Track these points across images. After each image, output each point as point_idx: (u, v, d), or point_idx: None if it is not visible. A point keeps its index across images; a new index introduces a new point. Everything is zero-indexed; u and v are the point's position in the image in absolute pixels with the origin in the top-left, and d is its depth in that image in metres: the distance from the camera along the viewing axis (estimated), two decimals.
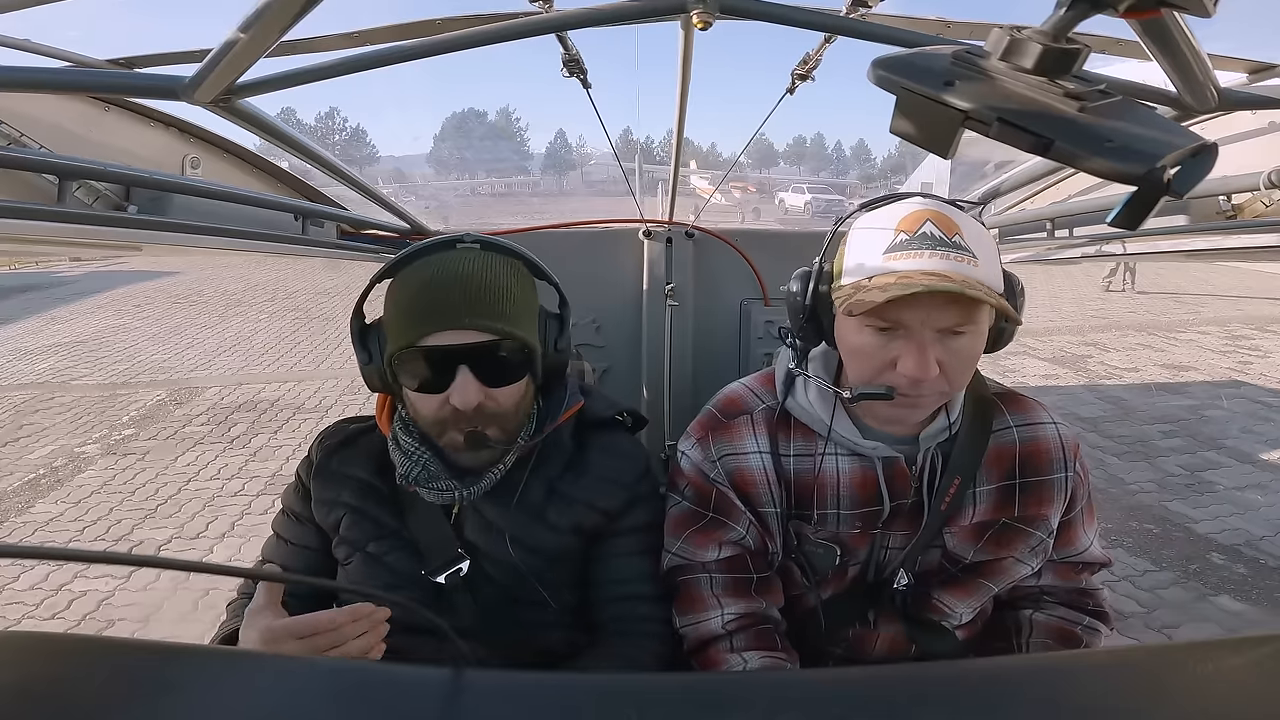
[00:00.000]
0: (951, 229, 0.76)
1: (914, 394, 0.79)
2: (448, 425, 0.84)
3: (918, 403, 0.80)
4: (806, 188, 28.08)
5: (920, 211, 0.78)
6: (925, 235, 0.75)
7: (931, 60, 0.38)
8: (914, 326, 0.76)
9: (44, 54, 1.02)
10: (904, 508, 0.88)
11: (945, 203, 0.81)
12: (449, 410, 0.82)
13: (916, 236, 0.76)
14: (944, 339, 0.77)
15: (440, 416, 0.83)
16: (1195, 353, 6.77)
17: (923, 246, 0.75)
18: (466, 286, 0.81)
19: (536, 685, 0.49)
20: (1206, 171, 0.35)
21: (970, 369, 0.81)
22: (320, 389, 5.48)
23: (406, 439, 0.89)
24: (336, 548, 0.93)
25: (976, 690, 0.46)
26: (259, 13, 0.59)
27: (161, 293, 9.69)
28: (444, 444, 0.87)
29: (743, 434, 0.92)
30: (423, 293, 0.82)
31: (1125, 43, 0.97)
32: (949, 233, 0.75)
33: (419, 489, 0.88)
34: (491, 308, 0.82)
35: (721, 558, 0.91)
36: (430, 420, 0.84)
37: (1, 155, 0.83)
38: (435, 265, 0.84)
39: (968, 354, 0.78)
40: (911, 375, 0.76)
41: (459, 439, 0.84)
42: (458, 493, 0.87)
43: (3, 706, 0.39)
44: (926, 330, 0.76)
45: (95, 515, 3.42)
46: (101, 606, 2.66)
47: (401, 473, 0.88)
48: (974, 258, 0.74)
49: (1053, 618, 0.96)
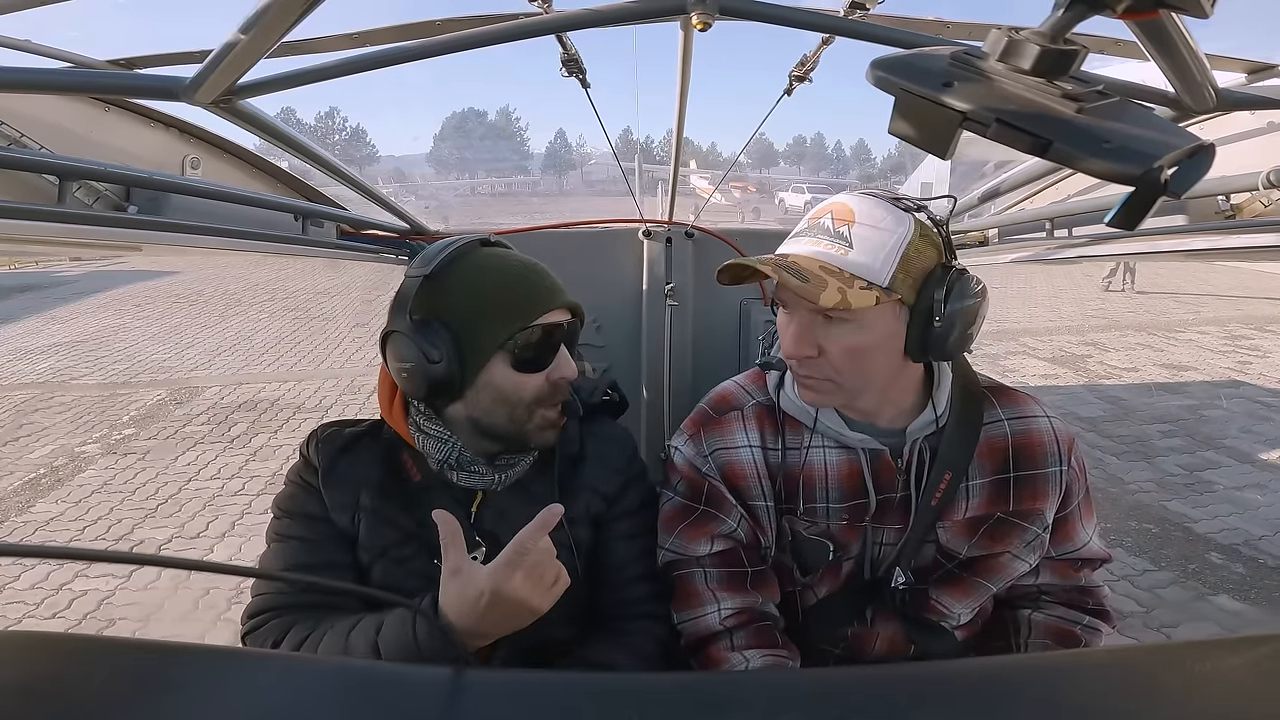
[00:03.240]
0: (846, 220, 0.80)
1: (801, 373, 0.85)
2: (545, 402, 0.88)
3: (807, 384, 0.86)
4: (806, 188, 28.10)
5: (834, 204, 0.84)
6: (817, 225, 0.82)
7: (930, 61, 0.38)
8: (790, 303, 0.83)
9: (44, 54, 1.02)
10: (892, 501, 0.89)
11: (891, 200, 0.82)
12: (548, 386, 0.88)
13: (811, 225, 0.83)
14: (825, 324, 0.81)
15: (539, 394, 0.88)
16: (1194, 352, 6.77)
17: (806, 234, 0.82)
18: (543, 272, 0.90)
19: (537, 685, 0.49)
20: (1204, 172, 0.35)
21: (859, 362, 0.81)
22: (320, 389, 5.48)
23: (434, 427, 0.89)
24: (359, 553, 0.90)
25: (976, 690, 0.46)
26: (259, 14, 0.59)
27: (161, 293, 9.69)
28: (536, 424, 0.89)
29: (733, 428, 0.93)
30: (511, 280, 0.87)
31: (1123, 43, 0.97)
32: (839, 223, 0.80)
33: (454, 473, 0.89)
34: (563, 290, 0.90)
35: (714, 551, 0.92)
36: (529, 399, 0.87)
37: (1, 155, 0.83)
38: (496, 258, 0.89)
39: (849, 343, 0.80)
40: (785, 351, 0.84)
41: (553, 414, 0.89)
42: (495, 476, 0.89)
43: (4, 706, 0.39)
44: (801, 310, 0.81)
45: (95, 515, 3.42)
46: (102, 605, 2.67)
47: (438, 458, 0.89)
48: (847, 247, 0.78)
49: (1051, 617, 0.96)
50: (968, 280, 0.80)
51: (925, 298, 0.79)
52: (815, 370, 0.83)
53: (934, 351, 0.81)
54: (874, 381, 0.85)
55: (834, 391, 0.85)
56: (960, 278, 0.79)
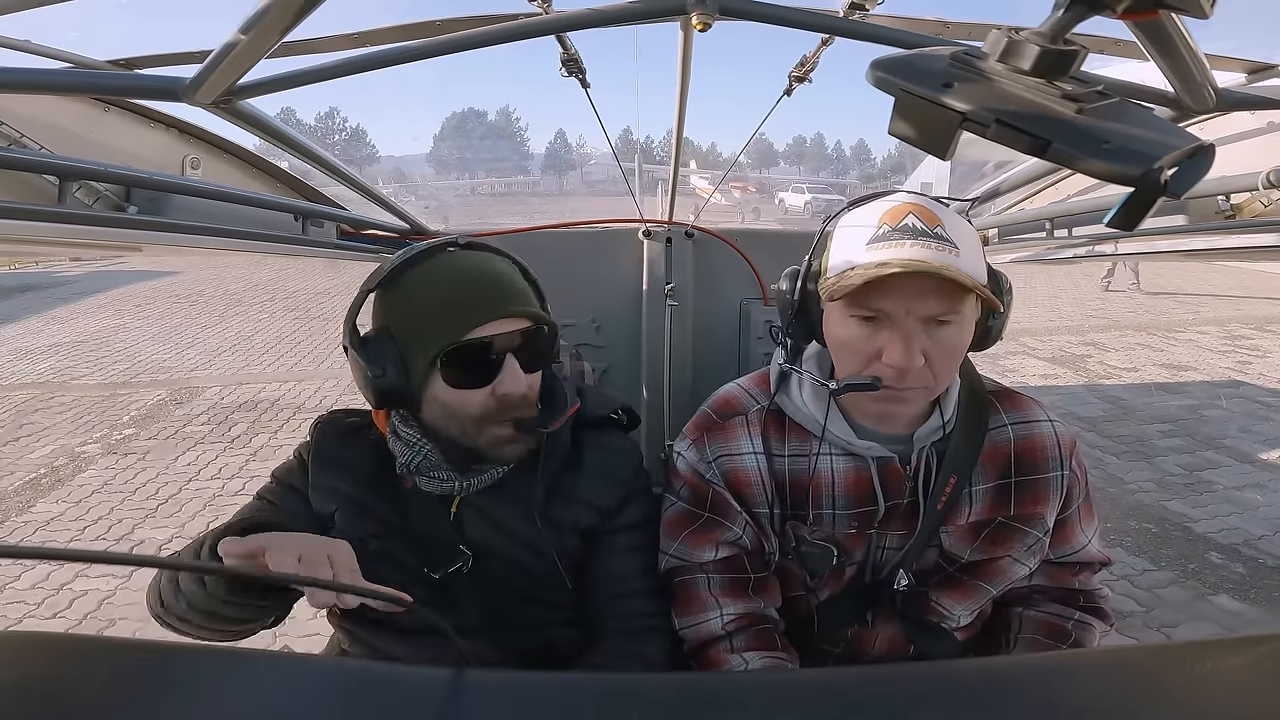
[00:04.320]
0: (934, 221, 0.77)
1: (899, 386, 0.79)
2: (491, 419, 0.84)
3: (904, 396, 0.81)
4: (806, 188, 28.08)
5: (903, 205, 0.79)
6: (908, 227, 0.77)
7: (930, 62, 0.38)
8: (897, 315, 0.76)
9: (44, 55, 1.02)
10: (899, 508, 0.88)
11: (930, 199, 0.82)
12: (494, 402, 0.83)
13: (899, 228, 0.77)
14: (929, 329, 0.77)
15: (486, 410, 0.83)
16: (1194, 352, 6.77)
17: (905, 236, 0.76)
18: (493, 279, 0.84)
19: (537, 685, 0.49)
20: (1204, 172, 0.35)
21: (955, 363, 0.82)
22: (320, 389, 5.48)
23: (407, 430, 0.89)
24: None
25: (975, 690, 0.46)
26: (260, 14, 0.59)
27: (162, 293, 9.68)
28: (486, 441, 0.85)
29: (738, 435, 0.93)
30: (451, 291, 0.82)
31: (1123, 43, 0.97)
32: (931, 224, 0.77)
33: (418, 478, 0.88)
34: (521, 295, 0.85)
35: (719, 558, 0.91)
36: (475, 416, 0.83)
37: (1, 156, 0.83)
38: (444, 267, 0.85)
39: (953, 345, 0.79)
40: (897, 365, 0.76)
41: (505, 432, 0.84)
42: (456, 484, 0.87)
43: (4, 706, 0.39)
44: (910, 319, 0.76)
45: (96, 515, 3.42)
46: (103, 606, 2.67)
47: (402, 461, 0.88)
48: (955, 248, 0.76)
49: (1042, 613, 0.96)
50: (1003, 275, 0.86)
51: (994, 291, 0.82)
52: (917, 380, 0.79)
53: (986, 344, 0.85)
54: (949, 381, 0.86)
55: (923, 399, 0.84)
56: (998, 272, 0.85)
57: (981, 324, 0.83)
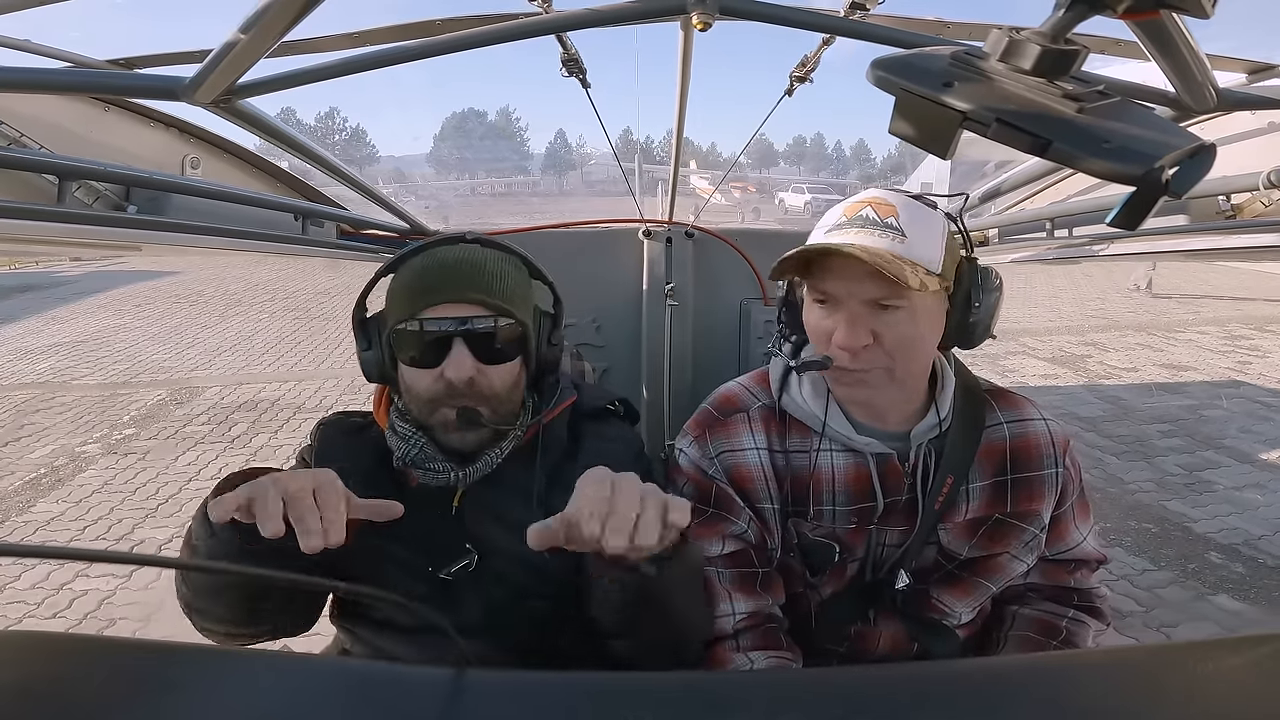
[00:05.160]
0: (888, 213, 0.80)
1: (852, 366, 0.83)
2: (440, 402, 0.85)
3: (862, 378, 0.84)
4: (806, 188, 28.06)
5: (865, 199, 0.83)
6: (860, 217, 0.81)
7: (930, 61, 0.38)
8: (841, 297, 0.81)
9: (44, 54, 1.02)
10: (898, 504, 0.89)
11: (912, 197, 0.84)
12: (443, 385, 0.84)
13: (854, 219, 0.82)
14: (877, 313, 0.80)
15: (434, 392, 0.85)
16: (1194, 352, 6.77)
17: (853, 225, 0.81)
18: (464, 266, 0.86)
19: (538, 685, 0.49)
20: (1205, 172, 0.35)
21: (915, 349, 0.83)
22: (320, 389, 5.48)
23: (403, 424, 0.90)
24: None
25: (978, 690, 0.46)
26: (259, 13, 0.59)
27: (162, 293, 9.69)
28: (435, 422, 0.87)
29: (739, 431, 0.93)
30: (423, 274, 0.86)
31: (1124, 43, 0.97)
32: (884, 215, 0.80)
33: (415, 471, 0.89)
34: (487, 286, 0.86)
35: (726, 552, 0.92)
36: (425, 397, 0.86)
37: (1, 155, 0.83)
38: (433, 255, 0.89)
39: (903, 331, 0.81)
40: (841, 343, 0.81)
41: (451, 415, 0.85)
42: (453, 474, 0.88)
43: (3, 706, 0.39)
44: (853, 301, 0.81)
45: (96, 515, 3.42)
46: (103, 605, 2.66)
47: (398, 455, 0.89)
48: (904, 237, 0.78)
49: (1036, 610, 0.96)
50: (990, 271, 0.86)
51: (962, 286, 0.83)
52: (869, 360, 0.82)
53: (967, 339, 0.85)
54: (919, 370, 0.87)
55: (886, 382, 0.85)
56: (985, 268, 0.85)
57: (955, 317, 0.84)
